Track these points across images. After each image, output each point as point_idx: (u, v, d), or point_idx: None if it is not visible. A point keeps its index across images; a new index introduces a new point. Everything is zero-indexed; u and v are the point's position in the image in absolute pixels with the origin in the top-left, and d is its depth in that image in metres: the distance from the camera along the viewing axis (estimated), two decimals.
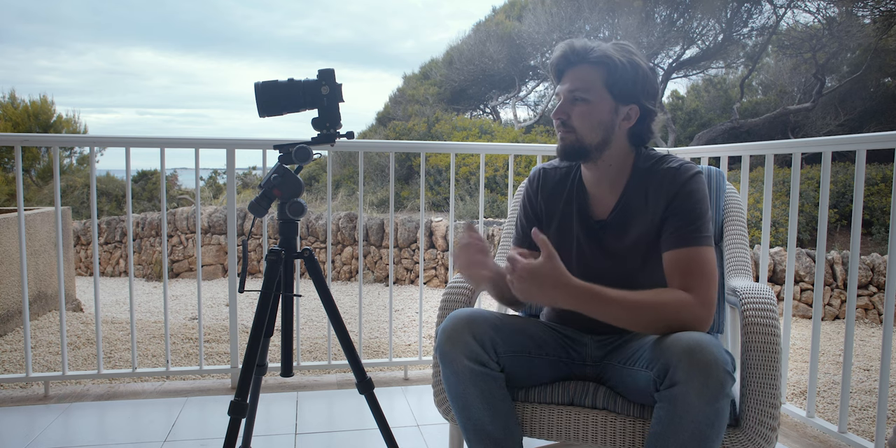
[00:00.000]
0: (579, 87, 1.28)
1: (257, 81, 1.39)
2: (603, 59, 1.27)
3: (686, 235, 1.23)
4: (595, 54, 1.27)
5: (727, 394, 1.05)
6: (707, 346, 1.05)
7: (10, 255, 3.86)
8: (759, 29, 11.14)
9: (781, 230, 6.67)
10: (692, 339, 1.07)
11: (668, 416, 1.08)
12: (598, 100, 1.28)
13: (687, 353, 1.05)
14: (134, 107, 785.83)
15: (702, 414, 1.05)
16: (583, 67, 1.29)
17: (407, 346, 4.24)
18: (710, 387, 1.03)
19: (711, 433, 1.07)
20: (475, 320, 1.23)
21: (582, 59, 1.28)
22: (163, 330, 3.82)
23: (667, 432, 1.08)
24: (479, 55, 13.38)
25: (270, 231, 5.09)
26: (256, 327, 1.43)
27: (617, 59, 1.26)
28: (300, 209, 1.45)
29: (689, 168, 1.29)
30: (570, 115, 1.29)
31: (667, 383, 1.07)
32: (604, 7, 11.09)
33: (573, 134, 1.30)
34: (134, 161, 2.31)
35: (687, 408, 1.05)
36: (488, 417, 1.23)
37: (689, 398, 1.04)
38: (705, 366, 1.03)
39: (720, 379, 1.03)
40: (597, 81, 1.27)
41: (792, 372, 3.56)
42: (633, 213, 1.31)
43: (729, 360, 1.06)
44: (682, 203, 1.26)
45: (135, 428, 1.99)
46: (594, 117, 1.28)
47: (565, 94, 1.30)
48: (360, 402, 2.18)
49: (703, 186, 1.29)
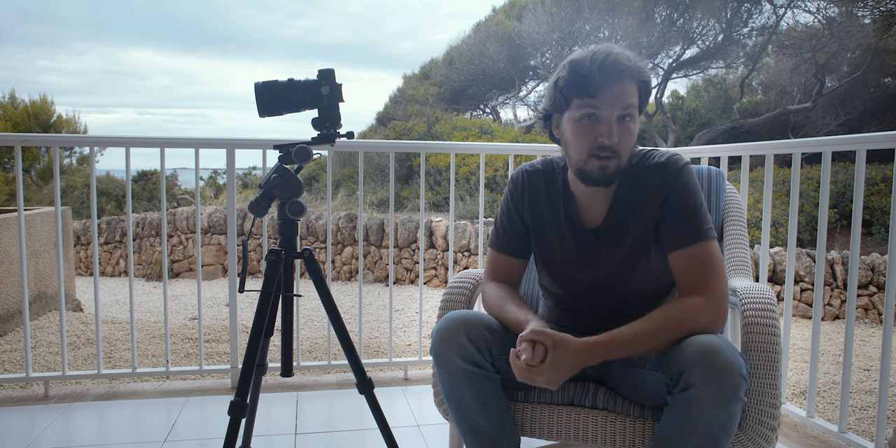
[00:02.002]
0: (632, 104, 1.17)
1: (257, 81, 1.39)
2: (641, 76, 1.18)
3: (688, 233, 1.20)
4: (635, 68, 1.17)
5: (740, 398, 1.04)
6: (722, 350, 1.04)
7: (10, 255, 3.86)
8: (759, 29, 11.14)
9: (781, 230, 6.67)
10: (707, 343, 1.06)
11: (680, 419, 1.07)
12: (637, 118, 1.20)
13: (702, 357, 1.04)
14: (134, 107, 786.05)
15: (715, 418, 1.04)
16: (629, 84, 1.17)
17: (407, 346, 4.24)
18: (725, 391, 1.02)
19: (723, 437, 1.06)
20: (470, 322, 1.23)
21: (629, 75, 1.16)
22: (163, 330, 3.82)
23: (678, 436, 1.08)
24: (479, 55, 13.38)
25: (270, 231, 5.09)
26: (256, 327, 1.43)
27: (649, 75, 1.20)
28: (300, 209, 1.45)
29: (677, 160, 1.25)
30: (619, 138, 1.17)
31: (681, 386, 1.06)
32: (604, 7, 11.09)
33: (617, 159, 1.19)
34: (134, 161, 2.31)
35: (700, 411, 1.04)
36: (483, 418, 1.23)
37: (703, 402, 1.03)
38: (720, 369, 1.02)
39: (735, 383, 1.02)
40: (637, 98, 1.19)
41: (792, 372, 3.56)
42: (627, 217, 1.27)
43: (743, 364, 1.06)
44: (677, 199, 1.22)
45: (135, 428, 1.99)
46: (634, 138, 1.21)
47: (614, 113, 1.16)
48: (360, 402, 2.18)
49: (694, 177, 1.24)
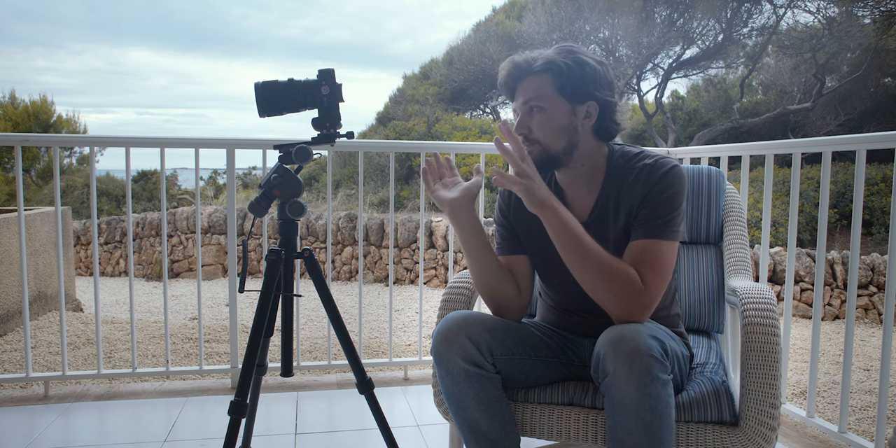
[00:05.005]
0: (532, 97, 1.27)
1: (257, 81, 1.39)
2: (547, 66, 1.26)
3: (651, 228, 1.23)
4: (538, 63, 1.27)
5: (656, 377, 1.07)
6: (630, 335, 1.09)
7: (10, 255, 3.86)
8: (759, 29, 11.13)
9: (781, 230, 6.67)
10: (619, 330, 1.12)
11: (610, 407, 1.11)
12: (552, 106, 1.27)
13: (612, 344, 1.09)
14: (133, 107, 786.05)
15: (636, 401, 1.07)
16: (531, 79, 1.28)
17: (407, 346, 4.24)
18: (636, 373, 1.06)
19: (655, 419, 1.08)
20: (470, 322, 1.24)
21: (527, 72, 1.28)
22: (163, 330, 3.82)
23: (615, 424, 1.11)
24: (479, 55, 13.37)
25: (270, 231, 5.09)
26: (256, 327, 1.43)
27: (560, 61, 1.26)
28: (300, 209, 1.45)
29: (665, 162, 1.27)
30: (530, 128, 1.28)
31: (601, 375, 1.12)
32: (604, 7, 11.09)
33: (538, 145, 1.28)
34: (134, 161, 2.31)
35: (621, 397, 1.08)
36: (484, 418, 1.24)
37: (620, 387, 1.08)
38: (629, 353, 1.07)
39: (644, 364, 1.06)
40: (548, 88, 1.27)
41: (792, 372, 3.56)
42: (611, 213, 1.30)
43: (655, 346, 1.09)
44: (656, 197, 1.24)
45: (135, 428, 1.99)
46: (553, 124, 1.27)
47: (520, 108, 1.30)
48: (360, 402, 2.18)
49: (680, 180, 1.26)
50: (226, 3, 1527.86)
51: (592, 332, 1.37)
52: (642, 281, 1.18)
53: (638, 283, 1.17)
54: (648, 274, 1.19)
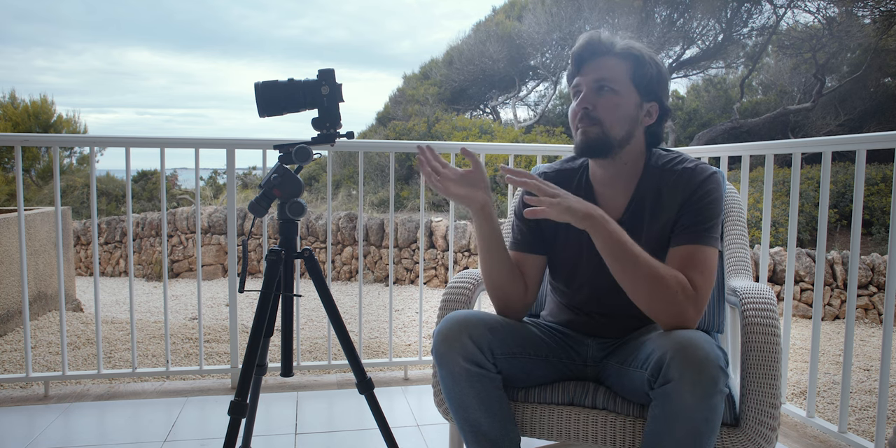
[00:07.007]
0: (606, 78, 1.24)
1: (257, 81, 1.39)
2: (631, 52, 1.25)
3: (696, 233, 1.22)
4: (621, 46, 1.25)
5: (720, 390, 1.05)
6: (699, 343, 1.05)
7: (10, 255, 3.86)
8: (759, 29, 11.14)
9: (781, 230, 6.67)
10: (684, 337, 1.08)
11: (662, 413, 1.07)
12: (625, 92, 1.25)
13: (679, 351, 1.05)
14: (133, 107, 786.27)
15: (696, 411, 1.04)
16: (609, 59, 1.25)
17: (407, 346, 4.24)
18: (703, 383, 1.03)
19: (706, 430, 1.06)
20: (471, 322, 1.23)
21: (608, 51, 1.26)
22: (163, 330, 3.82)
23: (662, 430, 1.08)
24: (479, 55, 13.37)
25: (270, 231, 5.09)
26: (256, 327, 1.43)
27: (644, 54, 1.25)
28: (300, 209, 1.45)
29: (705, 168, 1.27)
30: (595, 105, 1.25)
31: (660, 381, 1.07)
32: (604, 7, 11.09)
33: (598, 126, 1.25)
34: (134, 161, 2.31)
35: (681, 405, 1.04)
36: (485, 418, 1.23)
37: (682, 395, 1.04)
38: (697, 362, 1.03)
39: (712, 375, 1.03)
40: (624, 74, 1.25)
41: (792, 372, 3.56)
42: (646, 214, 1.29)
43: (721, 356, 1.06)
44: (697, 202, 1.24)
45: (135, 428, 1.99)
46: (622, 110, 1.25)
47: (590, 84, 1.25)
48: (360, 402, 2.18)
49: (719, 187, 1.26)
50: (225, 3, 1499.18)
51: (598, 332, 1.37)
52: (692, 286, 1.16)
53: (689, 288, 1.15)
54: (698, 278, 1.17)
